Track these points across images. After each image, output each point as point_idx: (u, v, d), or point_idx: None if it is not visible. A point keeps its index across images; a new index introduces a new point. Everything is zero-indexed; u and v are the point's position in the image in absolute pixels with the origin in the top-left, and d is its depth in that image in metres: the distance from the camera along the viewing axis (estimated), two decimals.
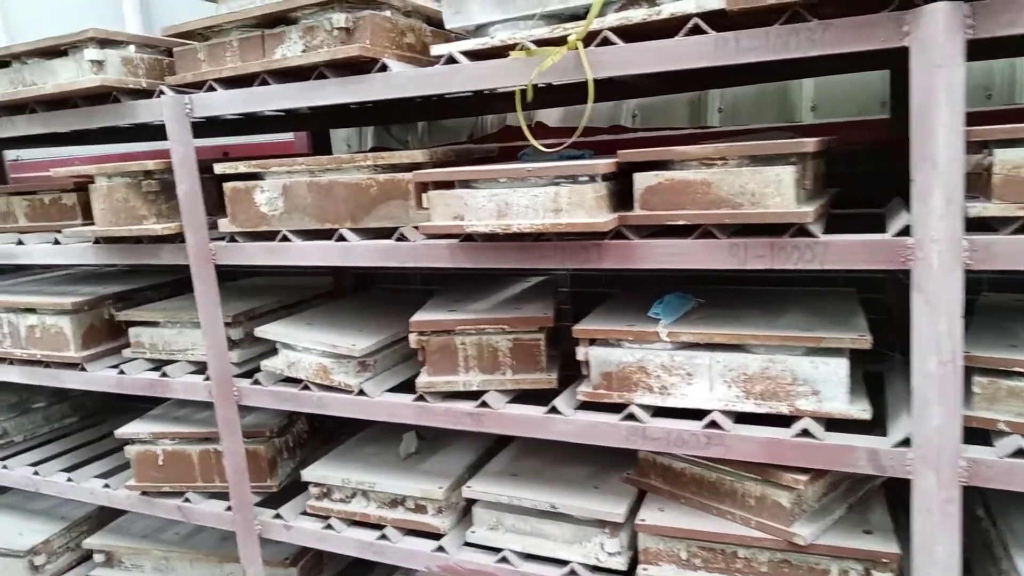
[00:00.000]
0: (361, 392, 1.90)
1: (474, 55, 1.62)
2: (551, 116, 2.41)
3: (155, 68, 2.12)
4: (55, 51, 2.06)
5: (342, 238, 1.82)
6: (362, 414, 1.91)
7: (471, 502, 1.93)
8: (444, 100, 2.29)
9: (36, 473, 2.59)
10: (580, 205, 1.48)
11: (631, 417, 1.62)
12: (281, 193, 1.88)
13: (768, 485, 1.56)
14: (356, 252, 1.81)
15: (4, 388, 2.76)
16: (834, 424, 1.49)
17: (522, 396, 1.83)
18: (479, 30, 1.68)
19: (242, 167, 1.93)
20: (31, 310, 2.41)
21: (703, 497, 1.68)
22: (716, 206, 1.42)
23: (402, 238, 1.76)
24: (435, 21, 1.91)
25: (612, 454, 1.78)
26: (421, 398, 1.84)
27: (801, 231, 1.38)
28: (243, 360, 2.17)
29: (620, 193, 1.57)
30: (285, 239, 1.89)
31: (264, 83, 1.83)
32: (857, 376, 1.54)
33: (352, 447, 2.24)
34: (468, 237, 1.67)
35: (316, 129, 2.78)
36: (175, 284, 2.70)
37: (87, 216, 2.38)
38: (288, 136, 2.90)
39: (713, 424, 1.54)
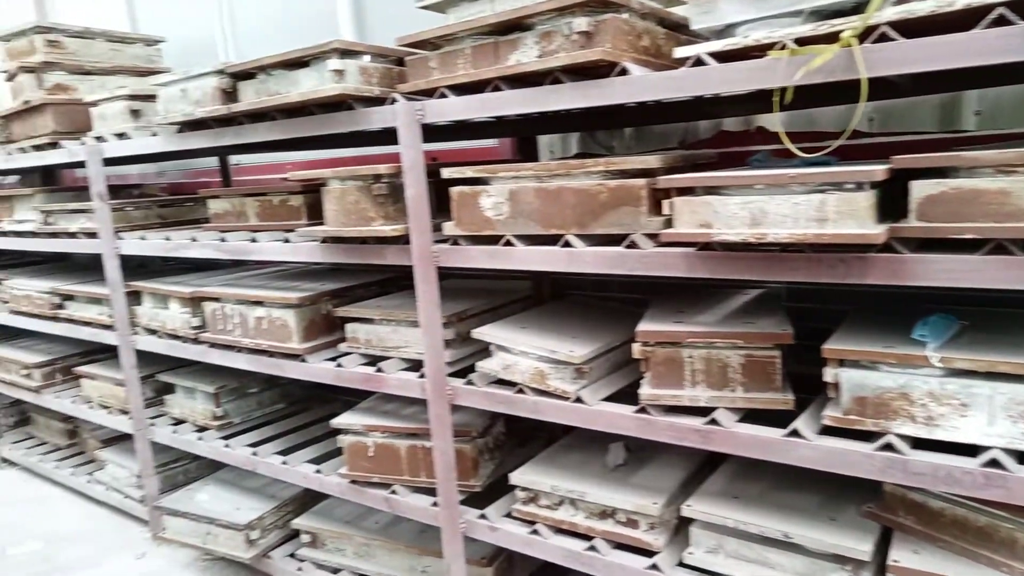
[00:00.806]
0: (578, 399, 1.88)
1: (722, 56, 1.55)
2: (770, 120, 2.29)
3: (386, 76, 2.22)
4: (298, 62, 2.21)
5: (567, 244, 1.81)
6: (579, 422, 1.89)
7: (685, 520, 1.85)
8: (659, 105, 2.23)
9: (255, 454, 2.80)
10: (849, 215, 1.37)
11: (888, 447, 1.48)
12: (507, 198, 1.90)
13: None
14: (582, 259, 1.79)
15: (227, 373, 3.01)
16: None
17: (747, 415, 1.73)
18: (726, 31, 1.61)
19: (469, 172, 1.97)
20: (259, 303, 2.60)
21: (968, 543, 1.51)
22: (1016, 218, 1.27)
23: (632, 245, 1.72)
24: (668, 23, 1.87)
25: (840, 483, 1.65)
26: (643, 410, 1.79)
27: None
28: (454, 360, 2.22)
29: (884, 203, 1.44)
30: (508, 243, 1.91)
31: (496, 89, 1.86)
32: None
33: (556, 453, 2.23)
34: (706, 246, 1.61)
35: (520, 135, 2.82)
36: (382, 283, 2.82)
37: (312, 216, 2.54)
38: (492, 142, 2.96)
39: (994, 463, 1.37)
